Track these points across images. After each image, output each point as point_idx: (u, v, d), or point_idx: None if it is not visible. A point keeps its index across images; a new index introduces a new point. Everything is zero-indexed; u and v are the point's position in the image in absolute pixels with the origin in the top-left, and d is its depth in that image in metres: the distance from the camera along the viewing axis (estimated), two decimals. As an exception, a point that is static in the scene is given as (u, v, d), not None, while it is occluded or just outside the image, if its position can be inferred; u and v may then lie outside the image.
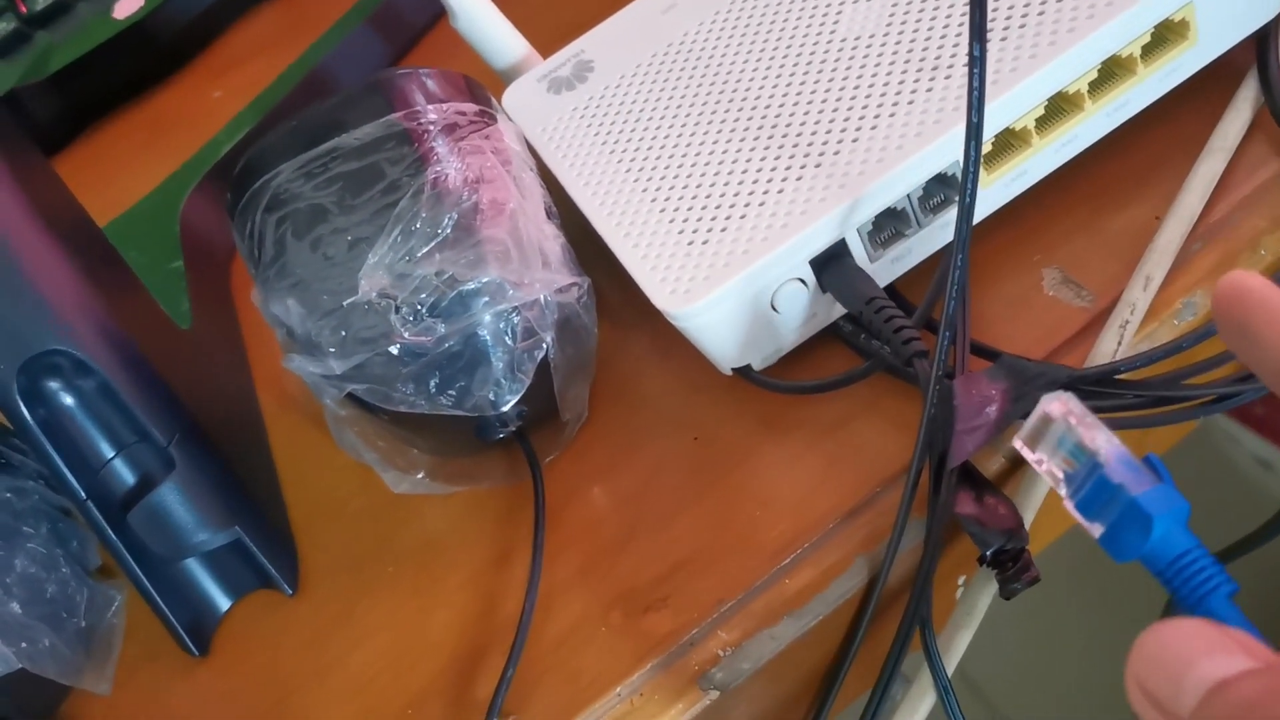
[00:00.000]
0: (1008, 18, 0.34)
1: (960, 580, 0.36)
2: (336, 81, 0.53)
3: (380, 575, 0.37)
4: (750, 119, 0.36)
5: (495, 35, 0.43)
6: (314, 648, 0.37)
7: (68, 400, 0.35)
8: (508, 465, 0.38)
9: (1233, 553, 0.46)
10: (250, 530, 0.37)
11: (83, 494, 0.35)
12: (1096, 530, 0.22)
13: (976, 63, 0.29)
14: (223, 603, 0.38)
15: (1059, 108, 0.35)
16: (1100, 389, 0.32)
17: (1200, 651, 0.20)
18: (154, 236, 0.46)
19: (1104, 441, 0.23)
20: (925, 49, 0.35)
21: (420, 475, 0.37)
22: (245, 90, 0.56)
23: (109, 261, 0.40)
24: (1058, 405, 0.24)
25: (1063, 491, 0.23)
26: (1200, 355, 0.32)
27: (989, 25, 0.34)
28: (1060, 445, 0.24)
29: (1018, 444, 0.25)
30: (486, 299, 0.32)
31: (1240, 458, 0.88)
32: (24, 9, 0.60)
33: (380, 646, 0.36)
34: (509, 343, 0.33)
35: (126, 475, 0.36)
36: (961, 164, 0.31)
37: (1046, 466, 0.24)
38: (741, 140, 0.36)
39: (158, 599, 0.36)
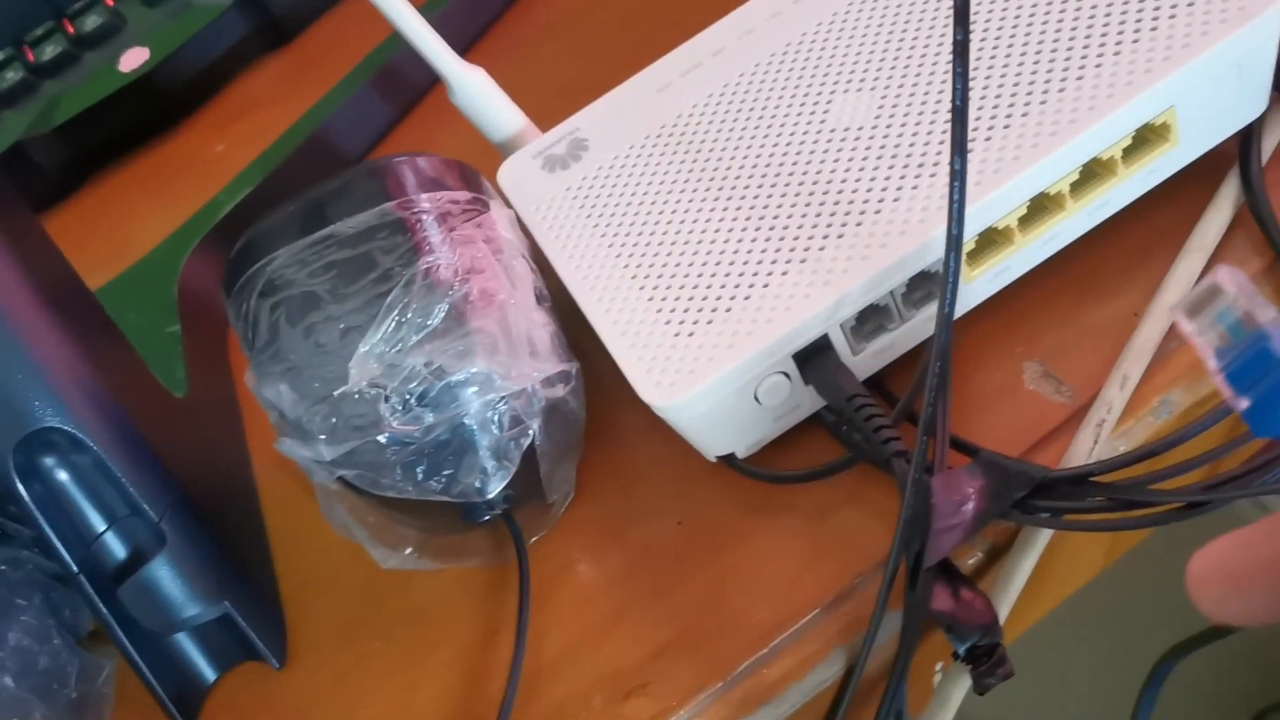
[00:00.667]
0: (993, 118, 0.35)
1: (937, 667, 0.36)
2: (338, 143, 0.54)
3: (368, 648, 0.38)
4: (739, 208, 0.37)
5: (492, 110, 0.44)
6: (301, 718, 0.37)
7: (62, 476, 0.36)
8: (495, 543, 0.38)
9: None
10: (239, 604, 0.37)
11: (75, 567, 0.36)
12: (1243, 403, 0.22)
13: (957, 176, 0.30)
14: (210, 674, 0.38)
15: (1041, 207, 0.35)
16: (1074, 489, 0.32)
17: None
18: (152, 298, 0.47)
19: (1272, 318, 0.22)
20: (912, 144, 0.36)
21: (409, 551, 0.37)
22: (249, 142, 0.57)
23: (103, 330, 0.41)
24: (1229, 278, 0.23)
25: (1212, 365, 0.23)
26: (1175, 458, 0.32)
27: (973, 127, 0.35)
28: (1219, 320, 0.23)
29: (1175, 314, 0.24)
30: (474, 389, 0.33)
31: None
32: (32, 58, 0.61)
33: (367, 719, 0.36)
34: (495, 431, 0.34)
35: (118, 549, 0.37)
36: (941, 275, 0.31)
37: (1202, 340, 0.23)
38: (730, 230, 0.37)
39: (146, 671, 0.37)
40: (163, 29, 0.62)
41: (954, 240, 0.30)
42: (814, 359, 0.34)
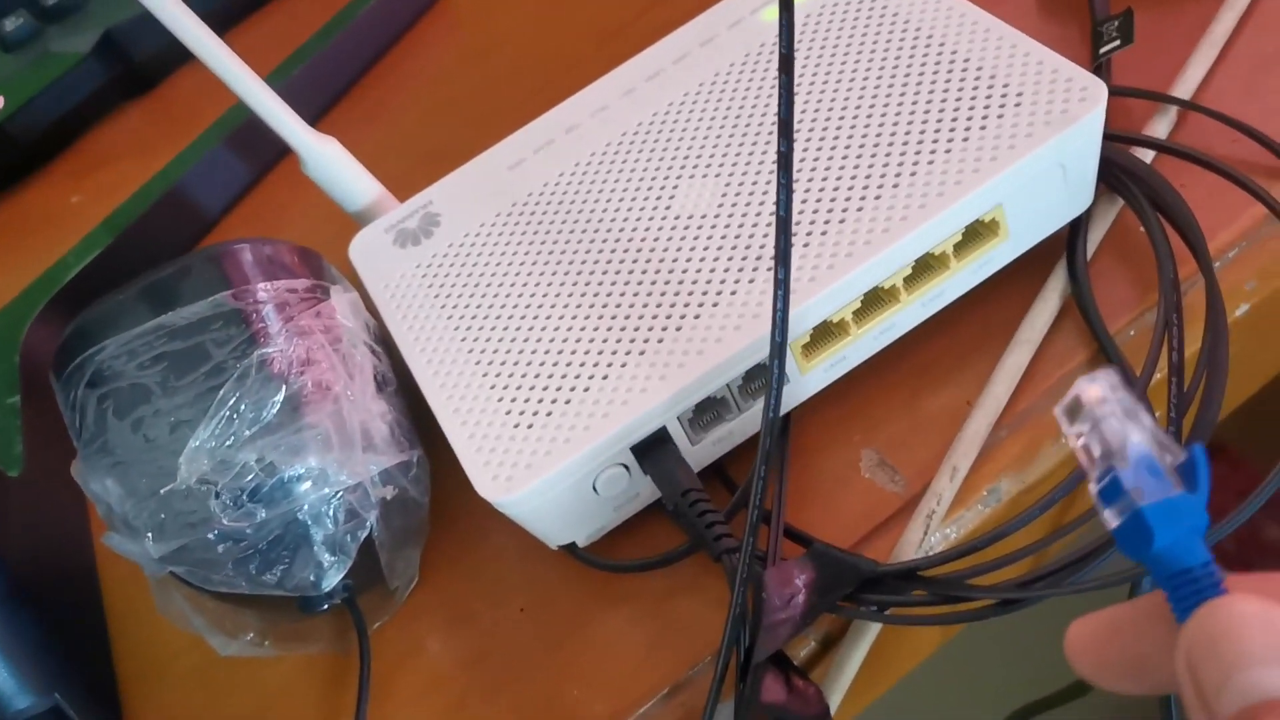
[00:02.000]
0: (829, 212, 0.36)
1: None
2: (194, 201, 0.53)
3: (205, 740, 0.37)
4: (584, 295, 0.37)
5: (345, 181, 0.44)
6: (134, 815, 0.36)
7: (-119, 568, 0.35)
8: (338, 628, 0.38)
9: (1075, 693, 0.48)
10: (71, 696, 0.36)
11: (-106, 662, 0.35)
12: (1111, 522, 0.22)
13: (781, 285, 0.30)
14: (42, 768, 0.37)
15: (877, 299, 0.36)
16: (900, 583, 0.33)
17: (1258, 656, 0.19)
18: (-7, 366, 0.45)
19: (1132, 437, 0.22)
20: (751, 235, 0.36)
21: (250, 637, 0.37)
22: (106, 194, 0.55)
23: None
24: (1094, 390, 0.23)
25: (1090, 474, 0.23)
26: (1003, 550, 0.33)
27: (810, 220, 0.35)
28: (1095, 427, 0.23)
29: (1056, 412, 0.24)
30: (308, 485, 0.33)
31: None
32: (-122, 102, 0.59)
33: (201, 816, 0.36)
34: (330, 526, 0.33)
35: (-58, 641, 0.35)
36: (768, 379, 0.32)
37: (1081, 443, 0.23)
38: (574, 318, 0.37)
39: (-29, 766, 0.36)
40: (19, 76, 0.60)
41: (778, 347, 0.31)
42: (652, 451, 0.35)
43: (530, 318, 0.37)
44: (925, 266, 0.36)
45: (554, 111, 0.44)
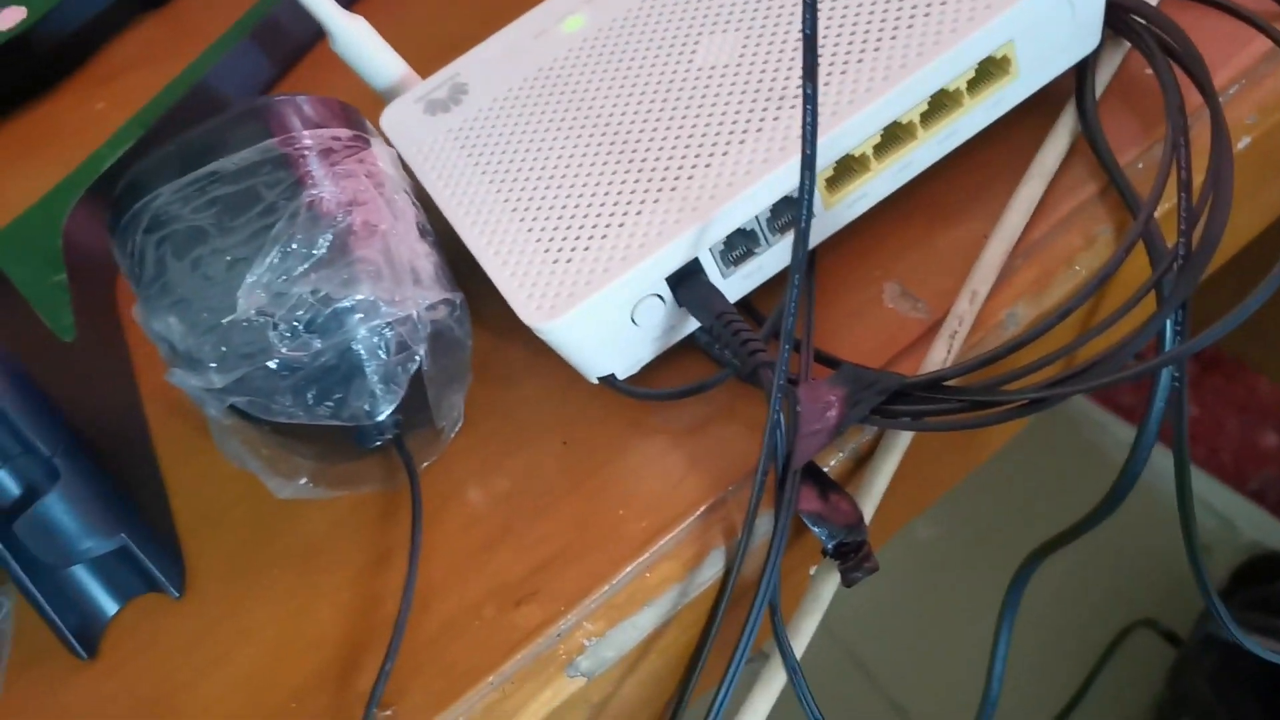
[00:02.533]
0: (847, 52, 0.37)
1: (811, 570, 0.38)
2: (220, 97, 0.54)
3: (265, 577, 0.39)
4: (612, 144, 0.39)
5: (373, 58, 0.45)
6: (199, 647, 0.38)
7: (-49, 415, 0.36)
8: (387, 470, 0.40)
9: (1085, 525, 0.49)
10: (136, 537, 0.38)
11: (-32, 507, 0.36)
12: None
13: (809, 100, 0.32)
14: (110, 607, 0.39)
15: (895, 136, 0.38)
16: (928, 394, 0.35)
17: None
18: (36, 251, 0.47)
19: None
20: (774, 80, 0.38)
21: (303, 481, 0.39)
22: (129, 101, 0.57)
23: (-9, 278, 0.41)
24: None
25: None
26: (1021, 361, 0.35)
27: (829, 61, 0.37)
28: None
29: None
30: (360, 315, 0.34)
31: (1106, 443, 0.92)
32: (-99, 19, 0.60)
33: (264, 643, 0.37)
34: (383, 356, 0.35)
35: (11, 486, 0.37)
36: (797, 193, 0.33)
37: None
38: (604, 164, 0.38)
39: (45, 605, 0.37)
40: (38, -12, 0.61)
41: (808, 160, 0.32)
42: (686, 281, 0.36)
43: (563, 166, 0.39)
44: (940, 104, 0.38)
45: (574, -16, 0.46)
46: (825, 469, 0.36)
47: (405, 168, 0.42)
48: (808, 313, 0.38)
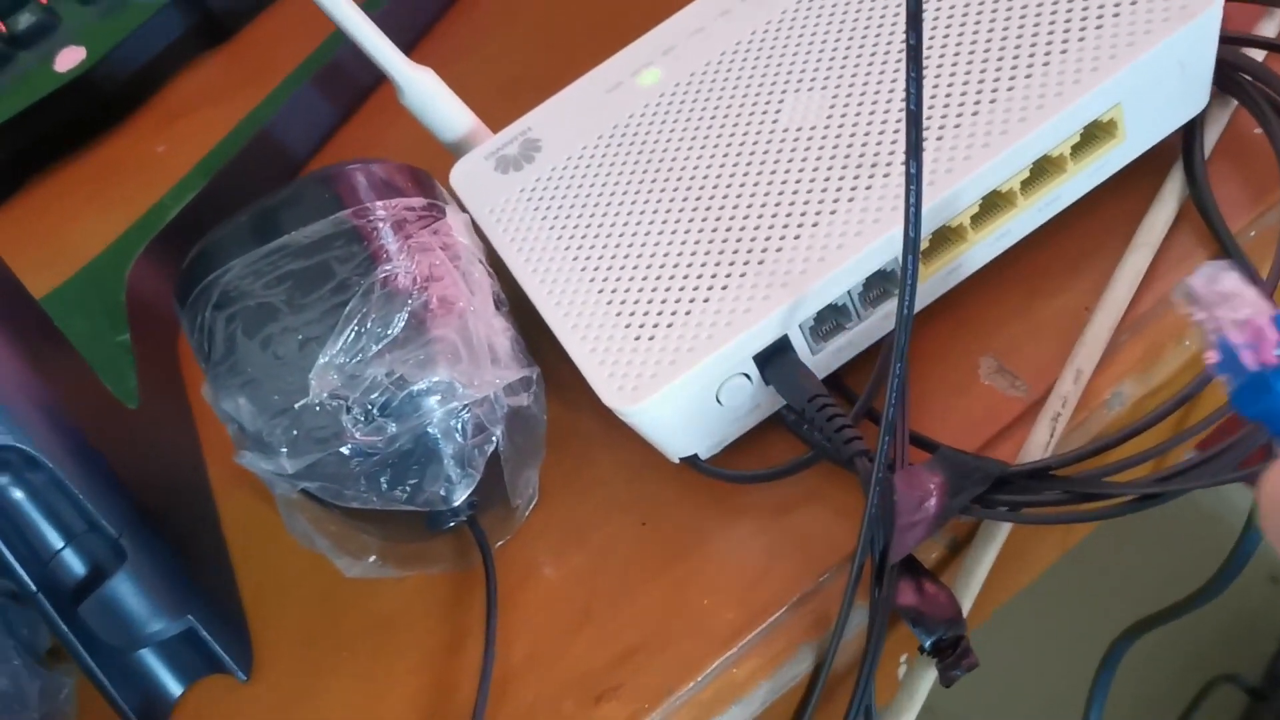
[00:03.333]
0: (944, 117, 0.35)
1: (902, 659, 0.37)
2: (284, 144, 0.53)
3: (334, 658, 0.38)
4: (695, 209, 0.37)
5: (442, 110, 0.44)
6: (267, 732, 0.37)
7: (16, 494, 0.35)
8: (459, 549, 0.38)
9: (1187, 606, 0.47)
10: (203, 617, 0.37)
11: (33, 586, 0.35)
12: (1228, 385, 0.24)
13: (913, 179, 0.30)
14: (175, 689, 0.38)
15: (993, 204, 0.36)
16: (1031, 483, 0.33)
17: None
18: (100, 305, 0.46)
19: (1241, 311, 0.24)
20: (865, 144, 0.36)
21: (372, 559, 0.37)
22: (190, 142, 0.56)
23: (50, 340, 0.40)
24: (1198, 282, 0.24)
25: (1209, 351, 0.24)
26: (1127, 452, 0.33)
27: (925, 126, 0.35)
28: (1209, 305, 0.24)
29: (1174, 296, 0.27)
30: (437, 398, 0.33)
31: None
32: (-37, 59, 0.60)
33: (334, 731, 0.36)
34: (459, 440, 0.34)
35: (76, 566, 0.36)
36: (899, 276, 0.31)
37: (1198, 318, 0.25)
38: (686, 232, 0.37)
39: (110, 688, 0.36)
40: (99, 27, 0.60)
41: (911, 243, 0.31)
42: (774, 359, 0.35)
43: (642, 233, 0.37)
44: (1042, 170, 0.36)
45: (650, 34, 0.44)
46: (919, 559, 0.34)
47: (475, 227, 0.40)
48: (901, 391, 0.36)
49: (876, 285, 0.36)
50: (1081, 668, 0.47)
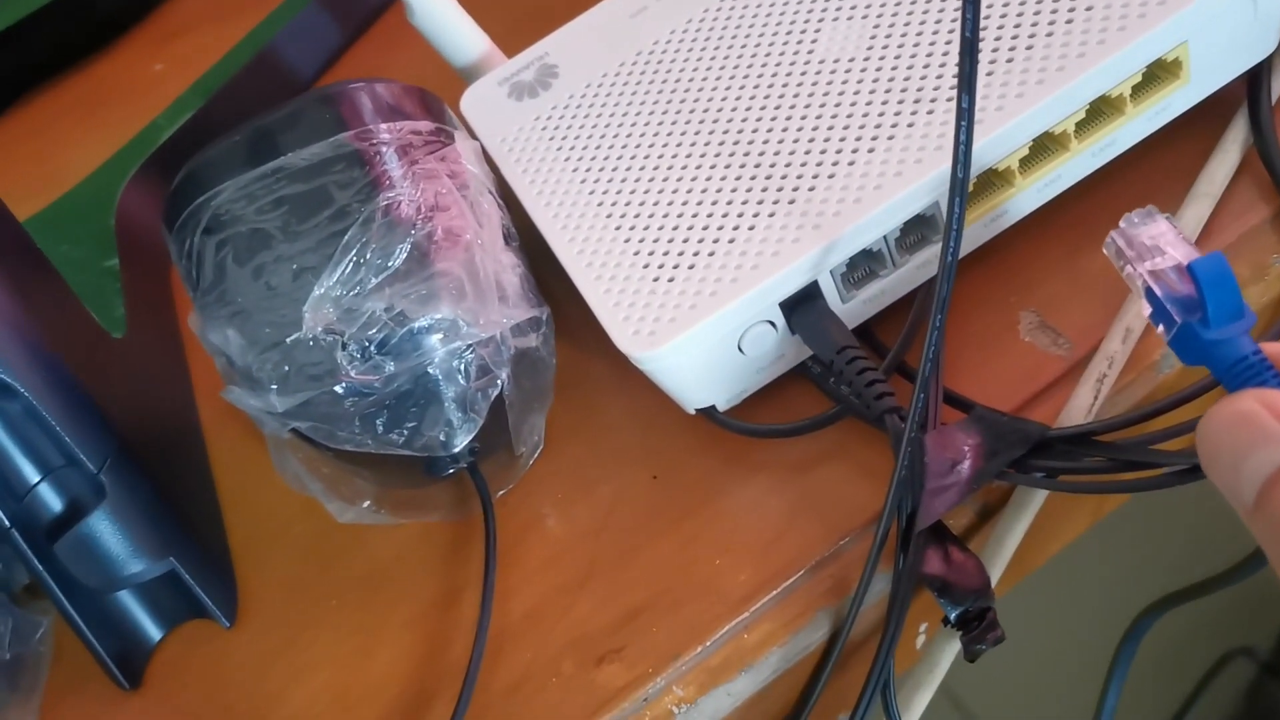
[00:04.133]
0: (994, 51, 0.33)
1: (921, 629, 0.35)
2: (286, 65, 0.51)
3: (322, 607, 0.36)
4: (722, 143, 0.35)
5: (455, 32, 0.41)
6: (251, 682, 0.35)
7: (-11, 423, 0.33)
8: (458, 496, 0.36)
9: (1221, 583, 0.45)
10: (186, 560, 0.35)
11: (6, 522, 0.33)
12: (1164, 336, 0.25)
13: (964, 115, 0.28)
14: (155, 633, 0.36)
15: (1044, 147, 0.33)
16: (1073, 449, 0.31)
17: (1252, 441, 0.21)
18: (88, 229, 0.44)
19: (1155, 279, 0.26)
20: (907, 78, 0.34)
21: (366, 504, 0.35)
22: (188, 63, 0.53)
23: (33, 264, 0.38)
24: (1123, 234, 0.27)
25: (1142, 298, 0.26)
26: (1181, 418, 0.31)
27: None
28: (1140, 258, 0.26)
29: (1106, 251, 0.27)
30: (439, 336, 0.31)
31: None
32: (-48, -32, 0.57)
33: (320, 684, 0.34)
34: (462, 382, 0.31)
35: (53, 501, 0.34)
36: (945, 216, 0.29)
37: (1127, 272, 0.27)
38: (712, 167, 0.34)
39: (86, 631, 0.34)
40: (96, -63, 0.58)
41: (959, 185, 0.28)
42: (802, 307, 0.32)
43: (665, 168, 0.35)
44: (1099, 111, 0.33)
45: (677, -44, 0.41)
46: (947, 525, 0.32)
47: (486, 156, 0.38)
48: (934, 346, 0.34)
49: (914, 231, 0.33)
50: (1103, 641, 0.45)
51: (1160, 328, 0.26)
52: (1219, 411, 0.22)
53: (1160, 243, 0.26)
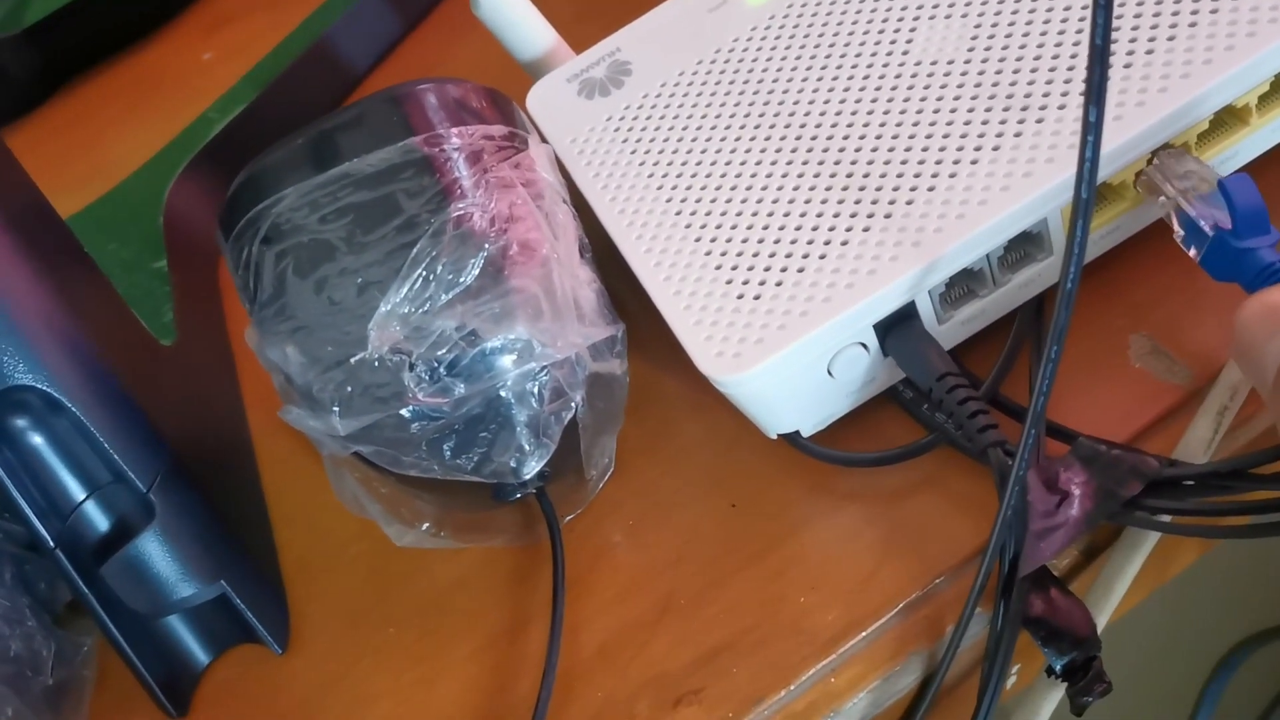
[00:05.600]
0: (1111, 56, 0.30)
1: (1014, 669, 0.32)
2: (341, 57, 0.49)
3: (380, 635, 0.34)
4: (810, 150, 0.33)
5: (522, 25, 0.39)
6: (305, 713, 0.33)
7: (35, 440, 0.31)
8: (524, 520, 0.34)
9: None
10: (237, 583, 0.33)
11: (51, 542, 0.32)
12: (1196, 256, 0.28)
13: (1091, 129, 0.25)
14: (203, 658, 0.35)
15: (1161, 160, 0.31)
16: (1194, 488, 0.28)
17: (1278, 327, 0.23)
18: (136, 228, 0.42)
19: (1193, 201, 0.28)
20: (1013, 82, 0.31)
21: (426, 527, 0.33)
22: (239, 52, 0.51)
23: (79, 266, 0.36)
24: (1154, 171, 0.29)
25: (1175, 222, 0.29)
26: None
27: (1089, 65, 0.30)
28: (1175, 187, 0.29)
29: (1139, 186, 0.30)
30: (512, 358, 0.29)
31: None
32: (-2, -49, 0.56)
33: (379, 718, 0.33)
34: (535, 405, 0.29)
35: (100, 521, 0.32)
36: (1052, 233, 0.27)
37: (1161, 202, 0.29)
38: (799, 176, 0.32)
39: (133, 655, 0.33)
40: (145, -79, 0.56)
41: (1084, 206, 0.26)
42: (897, 329, 0.30)
43: (748, 176, 0.33)
44: (1221, 122, 0.31)
45: (758, -53, 0.39)
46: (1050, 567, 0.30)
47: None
48: (1040, 373, 0.32)
49: (1018, 248, 0.31)
50: (1192, 674, 0.42)
51: (1192, 250, 0.28)
52: (1248, 304, 0.25)
53: (1191, 174, 0.29)
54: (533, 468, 0.30)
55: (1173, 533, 0.29)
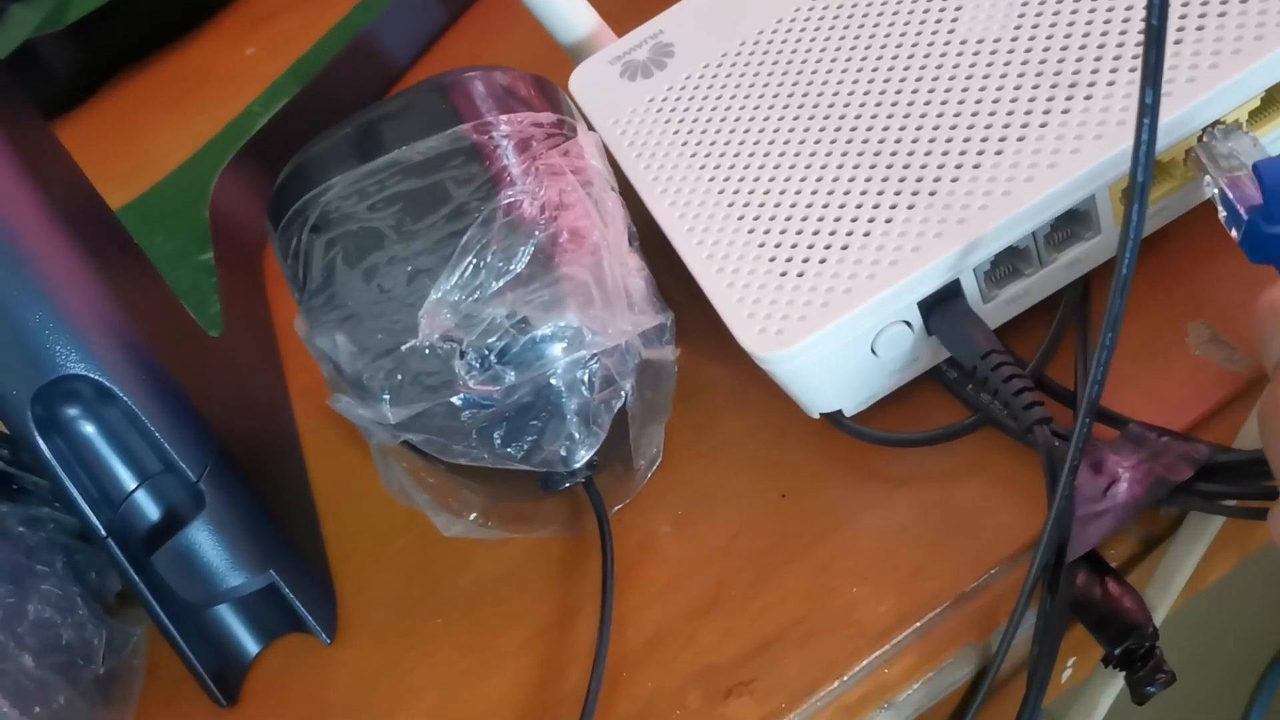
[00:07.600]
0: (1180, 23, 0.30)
1: (1070, 662, 0.32)
2: (384, 49, 0.49)
3: (428, 626, 0.34)
4: (854, 129, 0.32)
5: (563, 7, 0.39)
6: (354, 703, 0.33)
7: (87, 429, 0.32)
8: (571, 511, 0.34)
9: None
10: (286, 572, 0.33)
11: (103, 531, 0.32)
12: (1237, 237, 0.28)
13: (1148, 111, 0.25)
14: (252, 647, 0.35)
15: (1215, 138, 0.30)
16: (1251, 473, 0.28)
17: None
18: (182, 221, 0.42)
19: (1229, 184, 0.28)
20: (1061, 59, 0.31)
21: (473, 517, 0.33)
22: (280, 47, 0.52)
23: (129, 258, 0.36)
24: (1200, 151, 0.29)
25: (1218, 205, 0.28)
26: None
27: (1139, 40, 0.30)
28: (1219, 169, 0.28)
29: (1187, 164, 0.29)
30: (563, 345, 0.29)
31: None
32: (42, -51, 0.56)
33: (428, 708, 0.33)
34: (585, 393, 0.29)
35: (151, 510, 0.33)
36: (1101, 214, 0.27)
37: (1206, 183, 0.29)
38: (844, 155, 0.32)
39: (184, 645, 0.33)
40: (187, -82, 0.56)
41: (1139, 190, 0.26)
42: (941, 307, 0.30)
43: (792, 155, 0.33)
44: (1273, 100, 0.30)
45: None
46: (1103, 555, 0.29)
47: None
48: (1087, 356, 0.31)
49: (1065, 226, 0.31)
50: (1245, 671, 0.42)
51: (1233, 231, 0.28)
52: (1262, 297, 0.25)
53: (1238, 154, 0.28)
54: (582, 456, 0.30)
55: (1232, 515, 0.28)
